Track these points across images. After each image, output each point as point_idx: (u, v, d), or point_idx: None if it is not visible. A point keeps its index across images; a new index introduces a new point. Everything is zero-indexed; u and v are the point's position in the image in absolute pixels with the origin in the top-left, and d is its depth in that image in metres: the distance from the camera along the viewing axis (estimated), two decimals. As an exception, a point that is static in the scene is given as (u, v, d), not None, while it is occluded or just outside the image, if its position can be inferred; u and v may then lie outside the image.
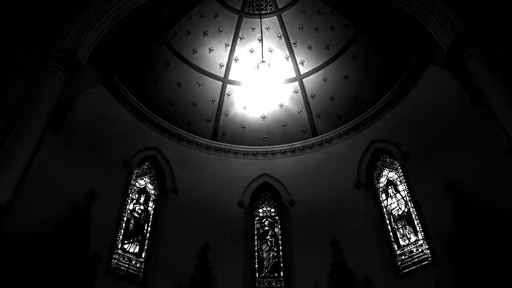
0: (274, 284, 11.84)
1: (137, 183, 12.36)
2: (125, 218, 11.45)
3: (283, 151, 14.11)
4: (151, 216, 12.11)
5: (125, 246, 11.14)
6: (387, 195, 12.06)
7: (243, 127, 14.47)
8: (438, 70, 10.98)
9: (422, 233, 10.69)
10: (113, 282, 9.92)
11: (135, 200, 12.04)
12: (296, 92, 14.36)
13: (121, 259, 10.79)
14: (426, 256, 10.34)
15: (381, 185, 12.39)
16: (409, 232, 11.09)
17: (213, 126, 14.30)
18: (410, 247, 10.82)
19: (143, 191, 12.40)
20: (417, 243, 10.73)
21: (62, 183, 9.77)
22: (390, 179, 12.26)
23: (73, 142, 10.48)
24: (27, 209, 8.42)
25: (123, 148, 12.00)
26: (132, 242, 11.35)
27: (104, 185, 10.71)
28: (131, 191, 12.01)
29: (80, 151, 10.62)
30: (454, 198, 9.39)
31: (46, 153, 9.40)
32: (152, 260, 11.16)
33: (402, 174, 11.87)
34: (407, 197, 11.49)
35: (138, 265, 11.02)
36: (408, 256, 10.72)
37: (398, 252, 10.98)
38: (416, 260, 10.49)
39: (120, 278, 10.34)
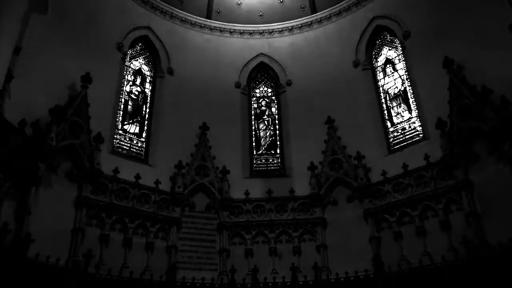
0: (271, 160, 12.42)
1: (131, 65, 12.16)
2: (122, 100, 11.52)
3: (280, 29, 13.61)
4: (148, 98, 12.18)
5: (126, 126, 11.40)
6: (385, 74, 12.00)
7: (239, 4, 13.75)
8: None
9: (416, 111, 10.91)
10: (117, 160, 10.34)
11: (131, 82, 11.98)
12: (295, -37, 13.32)
13: (122, 139, 11.14)
14: (418, 132, 10.69)
15: (379, 63, 12.24)
16: (403, 110, 11.30)
17: (206, 3, 13.55)
18: (403, 124, 11.12)
19: (138, 72, 12.26)
20: (410, 120, 11.00)
21: (55, 65, 9.53)
22: (389, 57, 12.07)
23: (61, 22, 9.98)
24: (23, 93, 8.37)
25: (113, 28, 11.51)
26: (132, 123, 11.59)
27: (98, 67, 10.45)
28: (126, 72, 11.88)
29: (69, 32, 10.16)
30: (451, 75, 9.33)
31: (35, 34, 9.05)
32: (153, 139, 11.53)
33: (401, 52, 11.66)
34: (405, 76, 11.47)
35: (139, 144, 11.42)
36: (401, 133, 11.08)
37: (391, 129, 11.32)
38: (408, 136, 10.87)
39: (123, 156, 10.78)
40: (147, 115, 11.94)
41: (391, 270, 9.27)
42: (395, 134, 11.19)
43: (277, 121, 12.92)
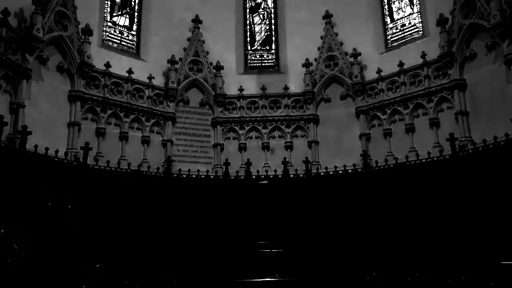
0: (265, 56, 12.15)
1: (116, -50, 11.23)
2: (110, -11, 10.88)
3: None
4: (137, -13, 11.48)
5: (115, 19, 10.89)
6: (389, -36, 11.26)
7: None
8: None
9: (418, 6, 10.46)
10: (108, 54, 10.10)
11: (117, -32, 11.19)
12: None
13: (112, 31, 10.71)
14: (417, 29, 10.37)
15: (384, -49, 11.41)
16: (405, 5, 10.81)
17: None
18: (403, 21, 10.72)
19: (125, -42, 11.38)
20: (411, 16, 10.59)
21: None
22: None
23: None
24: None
25: None
26: (122, 15, 11.05)
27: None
28: (112, -42, 11.03)
29: None
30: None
31: None
32: (144, 33, 11.12)
33: None
34: (410, -34, 10.79)
35: (130, 38, 11.03)
36: (400, 29, 10.74)
37: (390, 25, 10.95)
38: (407, 33, 10.56)
39: (114, 50, 10.50)
40: (136, 7, 11.35)
41: (378, 165, 9.70)
42: (394, 30, 10.85)
43: (272, 15, 12.37)
